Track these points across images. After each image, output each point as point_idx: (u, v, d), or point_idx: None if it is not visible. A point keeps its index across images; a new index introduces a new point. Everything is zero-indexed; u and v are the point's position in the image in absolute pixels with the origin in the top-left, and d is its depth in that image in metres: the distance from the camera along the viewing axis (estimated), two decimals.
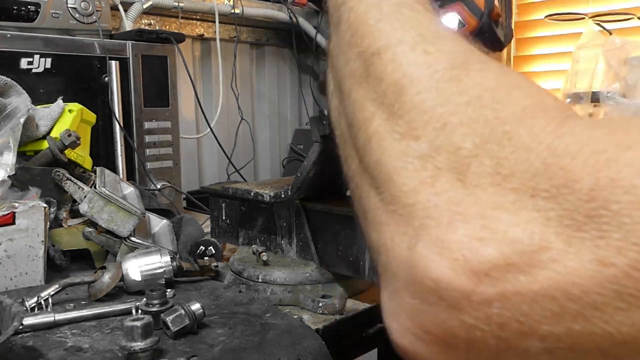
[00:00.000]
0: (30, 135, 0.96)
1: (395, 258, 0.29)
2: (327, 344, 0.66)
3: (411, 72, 0.32)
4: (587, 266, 0.24)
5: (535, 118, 0.28)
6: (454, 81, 0.31)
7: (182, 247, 0.96)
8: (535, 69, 1.74)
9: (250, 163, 1.89)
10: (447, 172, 0.28)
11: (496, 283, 0.25)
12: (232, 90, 1.78)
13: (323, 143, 0.77)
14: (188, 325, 0.65)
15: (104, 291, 0.76)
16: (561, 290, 0.24)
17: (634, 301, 0.23)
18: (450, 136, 0.29)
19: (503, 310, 0.25)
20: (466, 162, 0.28)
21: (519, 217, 0.25)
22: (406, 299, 0.28)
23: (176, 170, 1.35)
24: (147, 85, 1.27)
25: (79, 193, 0.90)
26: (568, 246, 0.24)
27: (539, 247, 0.25)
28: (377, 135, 0.32)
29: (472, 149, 0.28)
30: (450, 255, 0.26)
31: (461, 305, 0.26)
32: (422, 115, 0.30)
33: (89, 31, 1.23)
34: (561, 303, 0.24)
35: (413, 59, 0.32)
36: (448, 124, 0.29)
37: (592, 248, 0.24)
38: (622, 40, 1.22)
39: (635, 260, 0.23)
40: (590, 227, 0.24)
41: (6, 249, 0.80)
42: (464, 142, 0.28)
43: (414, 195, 0.29)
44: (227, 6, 1.71)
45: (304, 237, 0.86)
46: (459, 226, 0.26)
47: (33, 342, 0.64)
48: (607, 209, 0.24)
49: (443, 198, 0.27)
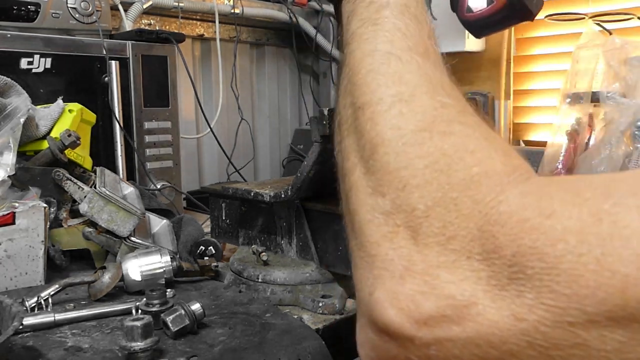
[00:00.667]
0: (30, 135, 0.96)
1: (362, 299, 0.34)
2: (327, 344, 0.66)
3: (384, 133, 0.37)
4: (505, 320, 0.28)
5: (480, 186, 0.32)
6: (418, 145, 0.35)
7: (182, 247, 0.96)
8: (535, 69, 1.73)
9: (250, 163, 1.89)
10: (404, 230, 0.33)
11: (433, 331, 0.30)
12: (232, 90, 1.78)
13: (323, 143, 0.77)
14: (188, 325, 0.65)
15: (104, 291, 0.76)
16: (484, 339, 0.29)
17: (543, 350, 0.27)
18: (409, 197, 0.33)
19: (439, 352, 0.30)
20: (419, 222, 0.32)
21: (456, 275, 0.30)
22: (369, 334, 0.33)
23: (176, 170, 1.35)
24: (147, 85, 1.27)
25: (79, 193, 0.90)
26: (492, 302, 0.29)
27: (469, 302, 0.29)
28: (355, 187, 0.37)
29: (425, 210, 0.32)
30: (398, 305, 0.31)
31: (407, 345, 0.31)
32: (388, 175, 0.35)
33: (89, 31, 1.23)
34: (484, 349, 0.29)
35: (387, 119, 0.37)
36: (407, 185, 0.34)
37: (510, 305, 0.28)
38: (622, 40, 1.21)
39: (542, 317, 0.27)
40: (511, 287, 0.28)
41: (6, 249, 0.80)
42: (418, 203, 0.33)
43: (377, 247, 0.34)
44: (227, 6, 1.71)
45: (304, 237, 0.86)
46: (408, 280, 0.31)
47: (33, 342, 0.64)
48: (524, 273, 0.28)
49: (398, 253, 0.32)
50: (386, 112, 0.37)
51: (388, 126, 0.37)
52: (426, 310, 0.30)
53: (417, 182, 0.33)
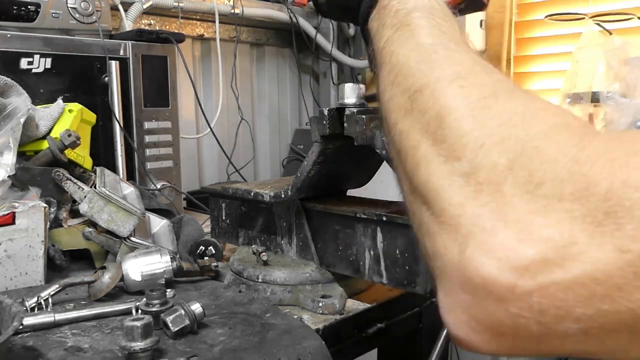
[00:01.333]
0: (30, 135, 0.96)
1: (449, 262, 0.34)
2: (327, 344, 0.66)
3: (449, 104, 0.37)
4: (609, 254, 0.28)
5: (560, 134, 0.33)
6: (487, 108, 0.36)
7: (182, 247, 0.96)
8: (535, 69, 1.73)
9: (250, 163, 1.89)
10: (487, 186, 0.33)
11: (535, 276, 0.29)
12: (232, 90, 1.78)
13: (323, 143, 0.77)
14: (188, 325, 0.65)
15: (104, 291, 0.76)
16: (589, 276, 0.28)
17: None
18: (488, 155, 0.34)
19: (542, 299, 0.29)
20: (503, 176, 0.33)
21: (550, 218, 0.30)
22: (460, 296, 0.33)
23: (176, 170, 1.35)
24: (147, 85, 1.27)
25: (79, 193, 0.90)
26: (592, 239, 0.29)
27: (568, 242, 0.29)
28: (424, 160, 0.38)
29: (507, 163, 0.33)
30: (495, 256, 0.31)
31: (506, 297, 0.30)
32: (462, 138, 0.35)
33: (89, 31, 1.23)
34: (590, 288, 0.28)
35: (450, 92, 0.38)
36: (485, 144, 0.34)
37: (611, 239, 0.28)
38: (622, 40, 1.21)
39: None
40: (608, 222, 0.28)
41: (6, 249, 0.80)
42: (499, 158, 0.33)
43: (461, 208, 0.34)
44: (227, 6, 1.71)
45: (304, 237, 0.86)
46: (501, 231, 0.31)
47: (33, 342, 0.64)
48: (621, 205, 0.28)
49: (487, 208, 0.32)
50: (447, 87, 0.39)
51: (452, 98, 0.38)
52: (527, 256, 0.30)
53: (494, 140, 0.34)
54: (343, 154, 0.80)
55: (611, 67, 1.20)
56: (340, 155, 0.80)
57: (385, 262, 0.75)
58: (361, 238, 0.78)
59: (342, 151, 0.79)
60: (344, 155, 0.81)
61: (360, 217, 0.77)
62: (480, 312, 0.32)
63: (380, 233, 0.75)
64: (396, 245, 0.73)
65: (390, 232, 0.74)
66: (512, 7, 1.73)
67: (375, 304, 0.82)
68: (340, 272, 0.82)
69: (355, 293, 0.85)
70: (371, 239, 0.76)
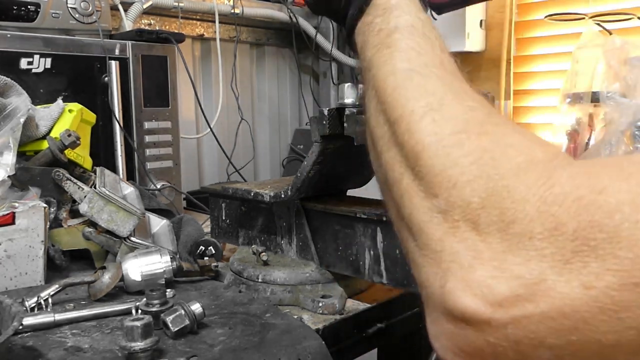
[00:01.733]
0: (30, 135, 0.96)
1: (432, 294, 0.36)
2: (327, 344, 0.66)
3: (423, 140, 0.39)
4: (575, 290, 0.30)
5: (529, 173, 0.34)
6: (458, 146, 0.37)
7: (182, 247, 0.96)
8: (535, 69, 1.73)
9: (250, 163, 1.89)
10: (463, 223, 0.35)
11: (508, 311, 0.32)
12: (232, 90, 1.78)
13: (323, 143, 0.77)
14: (188, 325, 0.65)
15: (104, 291, 0.76)
16: (557, 311, 0.30)
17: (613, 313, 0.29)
18: (461, 193, 0.35)
19: (516, 331, 0.32)
20: (477, 214, 0.34)
21: (521, 256, 0.32)
22: (444, 325, 0.35)
23: (176, 170, 1.35)
24: (147, 85, 1.27)
25: (79, 193, 0.90)
26: (560, 276, 0.31)
27: (538, 279, 0.31)
28: (407, 194, 0.40)
29: (480, 201, 0.34)
30: (471, 292, 0.33)
31: (484, 328, 0.33)
32: (436, 177, 0.37)
33: (89, 31, 1.23)
34: (558, 321, 0.30)
35: (423, 127, 0.40)
36: (457, 183, 0.36)
37: (578, 276, 0.30)
38: (622, 40, 1.21)
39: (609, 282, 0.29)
40: (576, 260, 0.30)
41: (6, 249, 0.80)
42: (472, 197, 0.35)
43: (441, 244, 0.36)
44: (227, 6, 1.71)
45: (304, 237, 0.86)
46: (477, 268, 0.33)
47: (33, 342, 0.64)
48: (587, 245, 0.30)
49: (463, 245, 0.34)
50: (420, 121, 0.40)
51: (425, 133, 0.39)
52: (499, 293, 0.32)
53: (467, 178, 0.36)
54: (343, 154, 0.80)
55: (611, 67, 1.20)
56: (340, 155, 0.80)
57: (385, 262, 0.75)
58: (361, 238, 0.78)
59: (342, 151, 0.79)
60: (344, 155, 0.81)
61: (360, 217, 0.77)
62: (462, 341, 0.34)
63: (380, 233, 0.75)
64: (396, 245, 0.73)
65: (390, 232, 0.74)
66: (512, 7, 1.73)
67: (375, 304, 0.82)
68: (340, 272, 0.82)
69: (355, 293, 0.85)
70: (371, 239, 0.76)
